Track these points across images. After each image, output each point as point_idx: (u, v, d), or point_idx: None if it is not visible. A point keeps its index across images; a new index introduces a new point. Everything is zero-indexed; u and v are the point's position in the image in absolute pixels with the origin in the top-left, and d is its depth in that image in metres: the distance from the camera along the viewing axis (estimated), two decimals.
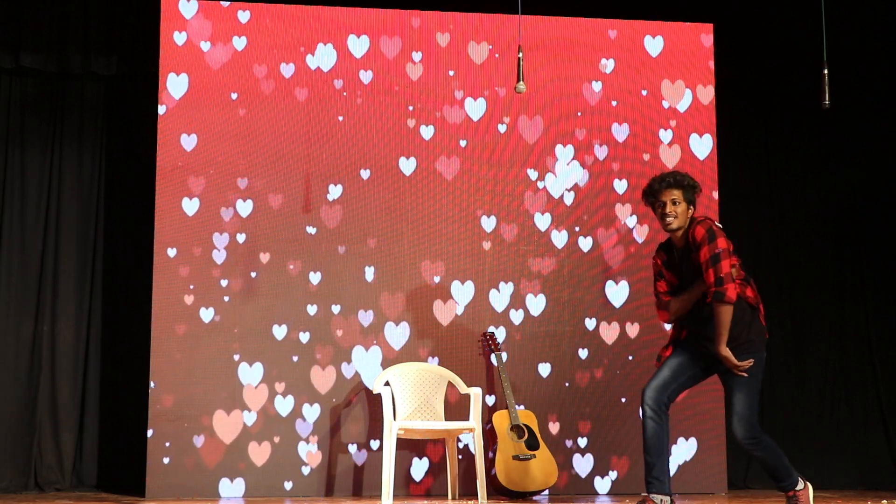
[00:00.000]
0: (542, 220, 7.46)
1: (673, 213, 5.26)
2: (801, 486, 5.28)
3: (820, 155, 8.43)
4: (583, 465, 7.27)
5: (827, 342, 8.26)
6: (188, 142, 7.16)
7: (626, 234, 7.52)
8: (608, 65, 7.64)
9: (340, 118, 7.33)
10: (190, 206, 7.12)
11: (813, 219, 8.37)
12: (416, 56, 7.45)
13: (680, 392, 5.35)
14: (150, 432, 6.89)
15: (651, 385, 5.29)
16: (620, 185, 7.55)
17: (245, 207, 7.18)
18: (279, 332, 7.12)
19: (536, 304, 7.38)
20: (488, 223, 7.40)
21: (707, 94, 7.71)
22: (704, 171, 7.62)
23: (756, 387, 5.24)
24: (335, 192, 7.28)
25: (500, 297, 7.35)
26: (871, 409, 8.20)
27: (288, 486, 7.01)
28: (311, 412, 7.09)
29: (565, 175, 7.51)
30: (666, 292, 5.38)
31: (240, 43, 7.28)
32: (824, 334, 8.26)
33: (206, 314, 7.06)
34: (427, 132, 7.42)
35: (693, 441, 7.39)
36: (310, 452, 7.05)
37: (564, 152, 7.52)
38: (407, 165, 7.37)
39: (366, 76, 7.39)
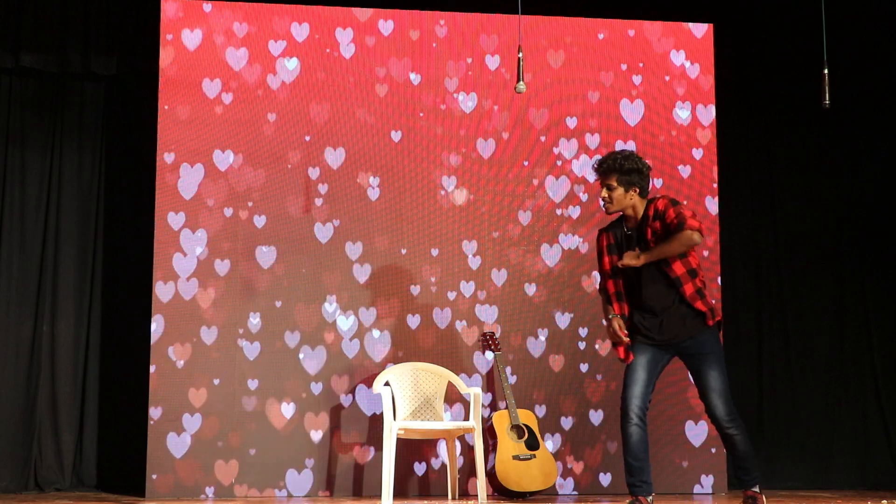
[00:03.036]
0: (544, 220, 7.46)
1: (608, 197, 5.36)
2: (757, 488, 5.28)
3: (820, 155, 8.43)
4: (584, 463, 7.28)
5: (827, 342, 8.26)
6: (189, 141, 7.16)
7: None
8: (608, 65, 7.63)
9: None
10: (190, 205, 7.12)
11: (813, 218, 8.36)
12: (415, 54, 7.45)
13: (653, 389, 5.37)
14: (149, 432, 6.89)
15: (634, 393, 5.26)
16: None
17: (246, 207, 7.18)
18: (279, 332, 7.12)
19: (537, 303, 7.38)
20: (490, 223, 7.40)
21: (707, 94, 7.71)
22: (704, 172, 7.63)
23: (724, 365, 5.29)
24: (336, 191, 7.28)
25: (500, 297, 7.35)
26: (871, 409, 8.19)
27: (288, 485, 7.01)
28: (311, 412, 7.09)
29: (566, 175, 7.51)
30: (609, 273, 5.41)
31: (241, 42, 7.28)
32: (824, 334, 8.26)
33: (207, 314, 7.06)
34: (427, 131, 7.42)
35: (693, 441, 7.38)
36: (310, 452, 7.05)
37: (566, 152, 7.52)
38: (408, 166, 7.37)
39: (366, 74, 7.39)
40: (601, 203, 5.41)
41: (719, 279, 7.54)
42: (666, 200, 5.29)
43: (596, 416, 7.34)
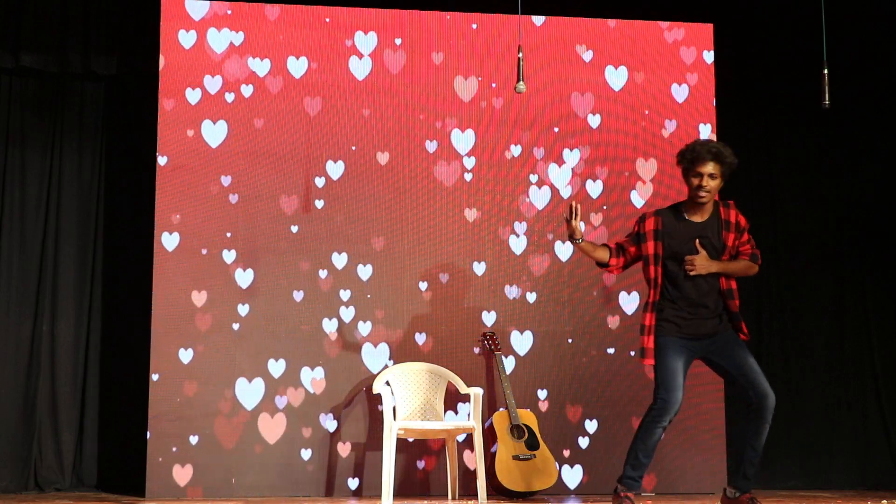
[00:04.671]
0: (543, 220, 7.46)
1: (707, 186, 5.25)
2: None
3: (820, 155, 8.43)
4: (584, 465, 7.28)
5: (827, 342, 8.26)
6: (189, 141, 7.16)
7: (624, 234, 7.52)
8: (607, 65, 7.63)
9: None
10: (190, 205, 7.12)
11: (813, 218, 8.36)
12: (415, 54, 7.45)
13: None
14: (149, 433, 6.89)
15: (678, 398, 5.21)
16: (620, 185, 7.55)
17: (246, 207, 7.18)
18: (279, 332, 7.12)
19: (536, 304, 7.38)
20: (489, 223, 7.40)
21: (707, 94, 7.71)
22: None
23: None
24: (336, 193, 7.28)
25: (500, 298, 7.35)
26: (871, 409, 8.19)
27: (288, 485, 7.01)
28: (311, 412, 7.09)
29: (566, 174, 7.51)
30: (622, 250, 5.42)
31: (242, 42, 7.28)
32: (824, 334, 8.26)
33: (207, 314, 7.06)
34: (427, 132, 7.42)
35: (693, 441, 7.38)
36: (310, 452, 7.05)
37: (565, 152, 7.52)
38: (407, 167, 7.37)
39: (366, 76, 7.39)
40: (699, 192, 5.25)
41: None
42: (744, 218, 5.41)
43: (595, 419, 7.34)
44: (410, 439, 7.03)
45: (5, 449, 7.26)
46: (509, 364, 7.25)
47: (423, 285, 7.29)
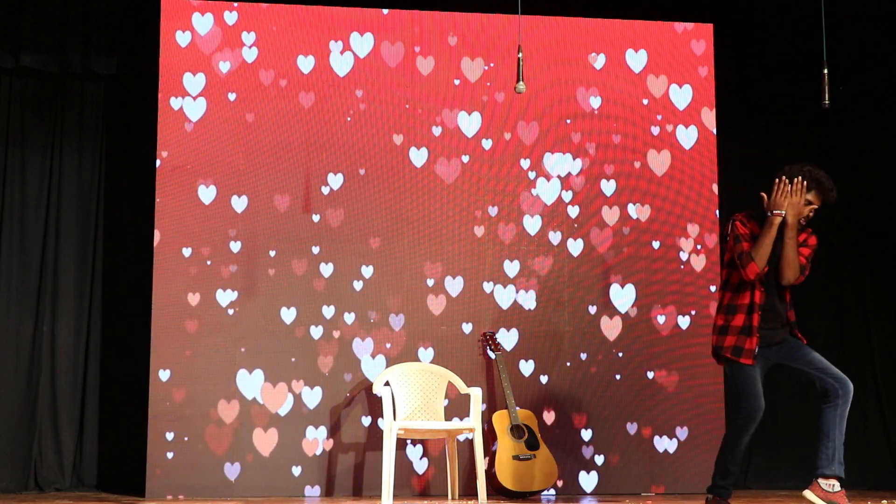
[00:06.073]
0: (543, 221, 7.46)
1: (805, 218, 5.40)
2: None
3: (820, 155, 8.41)
4: (583, 466, 7.28)
5: (827, 342, 8.24)
6: (189, 141, 7.16)
7: (625, 235, 7.52)
8: (607, 66, 7.63)
9: (347, 119, 7.35)
10: (191, 205, 7.12)
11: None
12: (414, 55, 7.45)
13: None
14: (149, 432, 6.89)
15: (762, 405, 5.24)
16: (621, 186, 7.55)
17: (245, 207, 7.18)
18: (279, 333, 7.12)
19: (536, 304, 7.38)
20: (488, 224, 7.40)
21: (707, 94, 7.71)
22: (704, 172, 7.63)
23: None
24: (336, 192, 7.28)
25: (500, 298, 7.35)
26: (871, 409, 8.19)
27: (287, 486, 7.01)
28: (311, 413, 7.09)
29: (565, 174, 7.51)
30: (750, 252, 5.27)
31: (242, 42, 7.28)
32: (824, 334, 8.25)
33: (207, 314, 7.06)
34: (427, 133, 7.42)
35: (693, 440, 7.38)
36: (309, 453, 7.05)
37: (566, 152, 7.52)
38: (407, 166, 7.37)
39: (367, 77, 7.39)
40: (798, 216, 5.40)
41: (720, 280, 7.52)
42: (815, 238, 5.57)
43: (597, 420, 7.34)
44: (410, 439, 7.03)
45: (5, 449, 7.26)
46: (509, 364, 7.24)
47: (423, 285, 7.29)
